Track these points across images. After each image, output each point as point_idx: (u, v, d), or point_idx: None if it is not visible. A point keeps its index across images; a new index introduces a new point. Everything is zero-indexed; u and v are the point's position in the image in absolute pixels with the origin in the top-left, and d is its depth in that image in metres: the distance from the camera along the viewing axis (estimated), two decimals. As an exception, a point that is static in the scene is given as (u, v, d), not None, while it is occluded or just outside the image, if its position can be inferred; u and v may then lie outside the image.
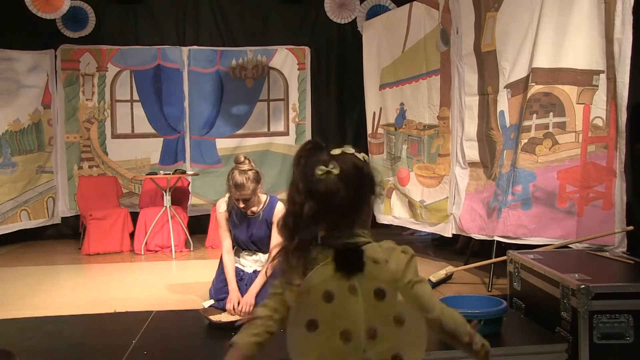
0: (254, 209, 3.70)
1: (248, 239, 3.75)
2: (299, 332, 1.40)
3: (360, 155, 1.47)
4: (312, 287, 1.39)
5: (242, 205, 3.62)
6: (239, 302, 3.52)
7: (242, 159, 3.66)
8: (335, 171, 1.39)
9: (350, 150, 1.45)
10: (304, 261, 1.40)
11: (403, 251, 1.45)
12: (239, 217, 3.76)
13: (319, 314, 1.38)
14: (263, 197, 3.76)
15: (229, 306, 3.52)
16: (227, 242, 3.79)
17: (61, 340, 3.28)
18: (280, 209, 3.73)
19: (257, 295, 3.57)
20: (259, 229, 3.71)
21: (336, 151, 1.43)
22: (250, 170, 3.60)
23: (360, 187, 1.43)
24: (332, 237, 1.42)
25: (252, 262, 3.81)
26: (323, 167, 1.38)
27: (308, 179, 1.39)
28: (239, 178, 3.54)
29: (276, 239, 3.69)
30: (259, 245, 3.76)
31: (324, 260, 1.40)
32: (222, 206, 3.79)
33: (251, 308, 3.48)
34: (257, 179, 3.61)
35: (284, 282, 1.43)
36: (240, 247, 3.84)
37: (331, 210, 1.39)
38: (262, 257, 3.79)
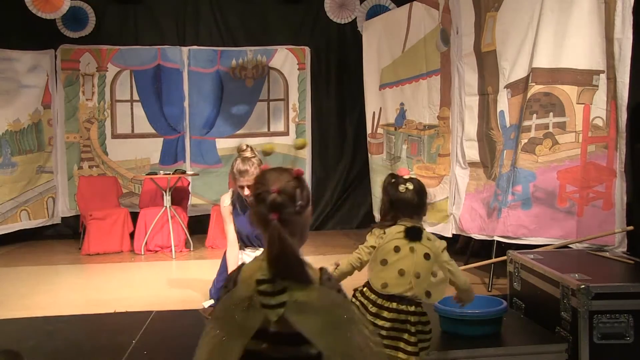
0: None
1: (251, 232, 3.77)
2: (376, 266, 2.46)
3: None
4: (388, 242, 2.44)
5: (246, 193, 3.64)
6: None
7: (245, 147, 3.73)
8: (411, 187, 2.48)
9: (414, 176, 2.59)
10: (385, 229, 2.49)
11: (440, 240, 2.50)
12: (243, 212, 3.78)
13: (389, 257, 2.42)
14: None
15: None
16: (231, 235, 3.82)
17: (61, 340, 3.28)
18: None
19: None
20: None
21: (407, 177, 2.54)
22: (254, 157, 3.64)
23: (422, 196, 2.50)
24: (405, 222, 2.48)
25: None
26: (403, 186, 2.48)
27: (395, 193, 2.49)
28: (242, 165, 3.59)
29: None
30: (262, 240, 3.76)
31: (398, 231, 2.46)
32: (226, 200, 3.83)
33: None
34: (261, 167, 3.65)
35: (375, 236, 2.50)
36: (243, 242, 3.85)
37: (408, 209, 2.49)
38: None
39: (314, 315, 1.40)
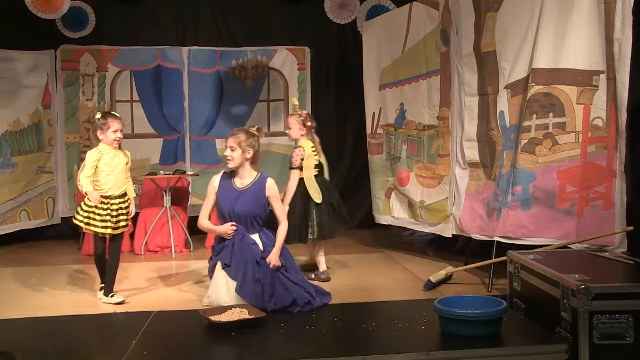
0: (244, 181, 3.95)
1: (231, 210, 3.91)
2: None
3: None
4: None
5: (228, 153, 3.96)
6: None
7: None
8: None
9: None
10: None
11: None
12: (227, 189, 3.98)
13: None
14: (254, 174, 4.00)
15: (222, 229, 3.88)
16: (204, 213, 4.11)
17: (61, 340, 3.28)
18: (271, 184, 3.96)
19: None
20: (243, 202, 3.90)
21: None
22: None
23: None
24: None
25: None
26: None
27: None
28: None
29: (280, 211, 3.96)
30: (242, 220, 3.90)
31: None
32: (215, 180, 4.12)
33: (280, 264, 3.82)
34: (249, 138, 3.97)
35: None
36: (225, 221, 3.97)
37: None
38: None
39: None
